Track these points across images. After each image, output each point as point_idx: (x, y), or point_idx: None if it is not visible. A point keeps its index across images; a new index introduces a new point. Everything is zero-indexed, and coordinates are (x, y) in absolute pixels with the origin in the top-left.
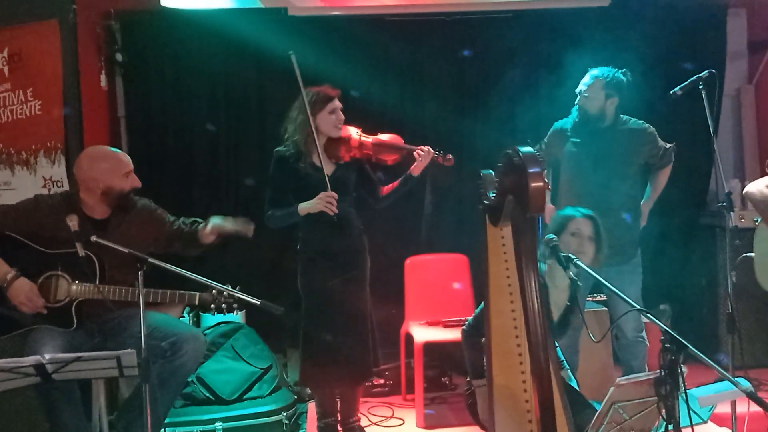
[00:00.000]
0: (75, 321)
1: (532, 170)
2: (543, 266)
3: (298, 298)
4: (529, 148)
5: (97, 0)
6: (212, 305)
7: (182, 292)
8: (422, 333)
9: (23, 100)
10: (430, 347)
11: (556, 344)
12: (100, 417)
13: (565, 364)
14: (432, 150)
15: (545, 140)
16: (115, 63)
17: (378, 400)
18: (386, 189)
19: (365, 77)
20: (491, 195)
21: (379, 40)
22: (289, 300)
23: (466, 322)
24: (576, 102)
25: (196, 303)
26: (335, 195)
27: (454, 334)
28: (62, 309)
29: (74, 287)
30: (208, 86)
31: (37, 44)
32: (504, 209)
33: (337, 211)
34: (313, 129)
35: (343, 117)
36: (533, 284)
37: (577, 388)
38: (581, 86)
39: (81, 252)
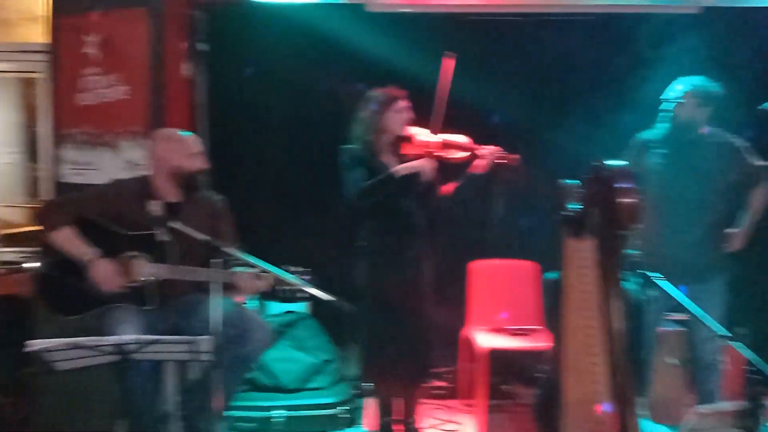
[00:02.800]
0: (152, 301)
1: (623, 185)
2: None
3: (354, 291)
4: (621, 162)
5: None
6: (279, 292)
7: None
8: (487, 340)
9: (111, 84)
10: (492, 354)
11: None
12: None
13: None
14: (496, 149)
15: (626, 152)
16: (198, 52)
17: (435, 402)
18: (449, 188)
19: (438, 76)
20: (571, 206)
21: (456, 39)
22: (347, 294)
23: None
24: (664, 109)
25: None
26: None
27: (520, 343)
28: (140, 289)
29: (153, 268)
30: (286, 80)
31: (127, 31)
32: (587, 223)
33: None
34: (381, 128)
35: (409, 116)
36: (617, 303)
37: None
38: (672, 93)
39: (162, 236)
